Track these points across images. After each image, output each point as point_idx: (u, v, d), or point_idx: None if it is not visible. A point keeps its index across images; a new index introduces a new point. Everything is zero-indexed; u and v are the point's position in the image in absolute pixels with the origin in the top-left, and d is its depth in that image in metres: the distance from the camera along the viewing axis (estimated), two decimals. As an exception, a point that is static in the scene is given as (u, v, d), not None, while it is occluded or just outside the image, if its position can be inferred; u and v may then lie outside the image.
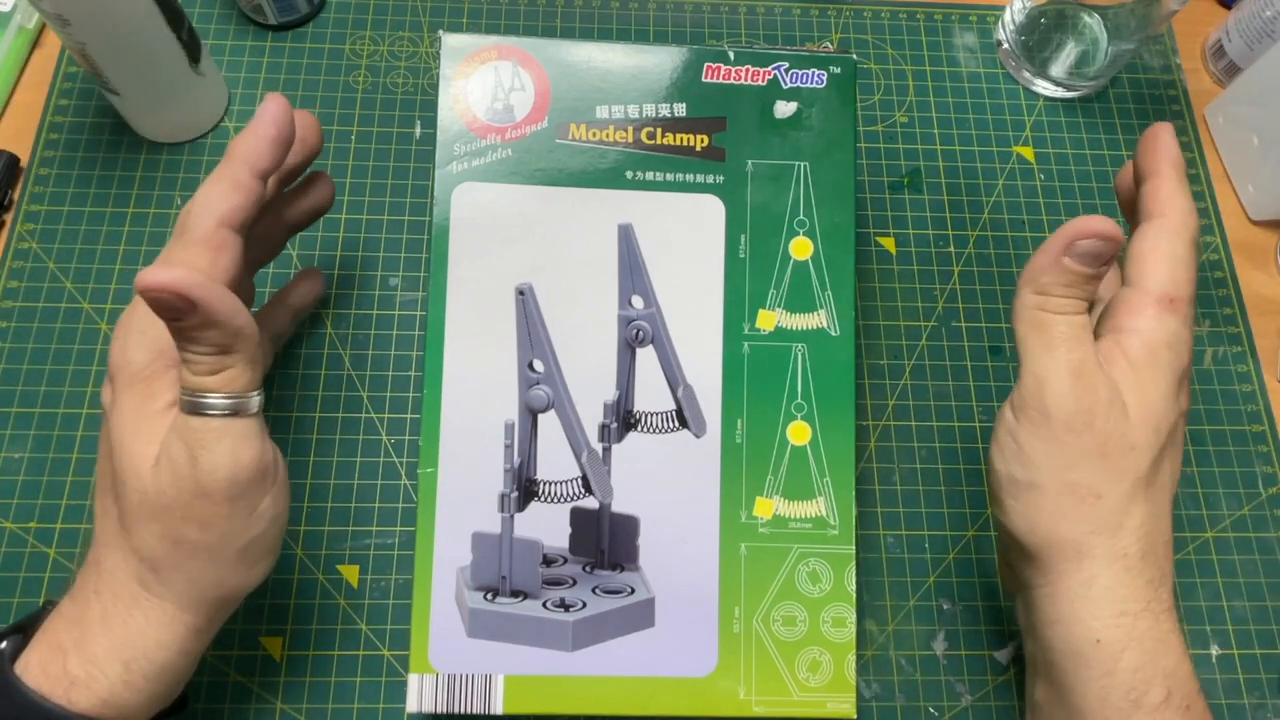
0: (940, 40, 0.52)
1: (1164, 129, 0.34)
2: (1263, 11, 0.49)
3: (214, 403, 0.28)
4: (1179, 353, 0.32)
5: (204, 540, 0.29)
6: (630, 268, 0.36)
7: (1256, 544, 0.43)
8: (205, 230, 0.30)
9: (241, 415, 0.29)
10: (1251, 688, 0.40)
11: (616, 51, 0.36)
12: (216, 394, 0.28)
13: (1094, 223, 0.30)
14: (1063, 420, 0.30)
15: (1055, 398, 0.31)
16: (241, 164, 0.31)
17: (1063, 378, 0.31)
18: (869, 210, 0.48)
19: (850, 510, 0.36)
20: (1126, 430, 0.30)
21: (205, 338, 0.28)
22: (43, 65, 0.48)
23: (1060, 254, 0.31)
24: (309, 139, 0.36)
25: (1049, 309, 0.32)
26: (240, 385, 0.29)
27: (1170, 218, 0.32)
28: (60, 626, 0.30)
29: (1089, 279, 0.31)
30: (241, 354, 0.29)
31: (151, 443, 0.29)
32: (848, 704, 0.35)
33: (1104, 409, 0.30)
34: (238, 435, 0.29)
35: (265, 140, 0.31)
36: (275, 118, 0.32)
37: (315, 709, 0.38)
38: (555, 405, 0.35)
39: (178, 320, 0.27)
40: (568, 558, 0.35)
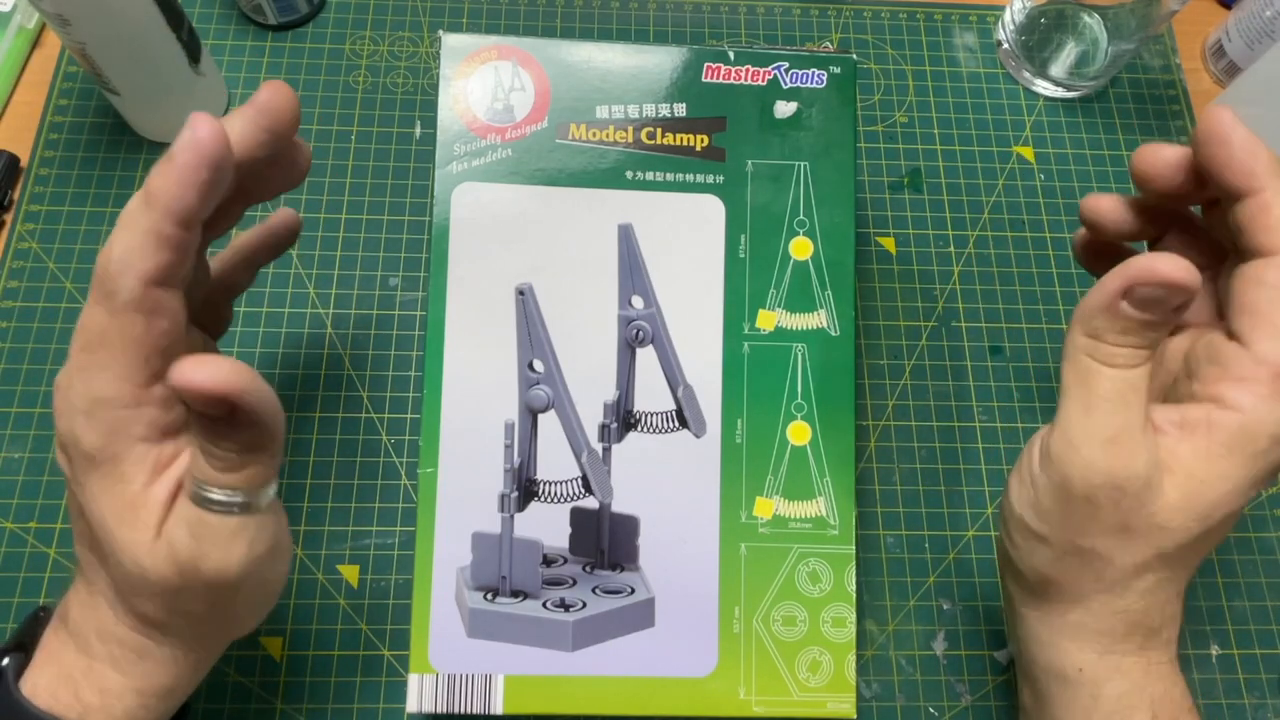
0: (940, 40, 0.52)
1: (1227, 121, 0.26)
2: (1263, 11, 0.49)
3: (227, 500, 0.26)
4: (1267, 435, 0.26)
5: (208, 613, 0.28)
6: (630, 268, 0.36)
7: (1256, 544, 0.43)
8: (132, 294, 0.25)
9: (254, 511, 0.27)
10: (1251, 688, 0.40)
11: (616, 51, 0.36)
12: (233, 491, 0.26)
13: (1161, 264, 0.25)
14: (1084, 493, 0.27)
15: (1080, 468, 0.27)
16: (157, 210, 0.24)
17: (1094, 447, 0.27)
18: (869, 210, 0.48)
19: (850, 510, 0.36)
20: (1158, 510, 0.27)
21: (235, 436, 0.25)
22: (43, 65, 0.48)
23: (1117, 296, 0.26)
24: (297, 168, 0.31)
25: (1099, 357, 0.27)
26: (260, 482, 0.26)
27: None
28: (67, 656, 0.28)
29: (1152, 326, 0.26)
30: (268, 450, 0.26)
31: (140, 528, 0.26)
32: (848, 704, 0.35)
33: (1137, 486, 0.27)
34: (254, 530, 0.27)
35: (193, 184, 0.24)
36: (201, 142, 0.24)
37: (315, 709, 0.38)
38: (555, 405, 0.35)
39: (210, 420, 0.24)
40: (568, 558, 0.35)
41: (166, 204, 0.24)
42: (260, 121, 0.27)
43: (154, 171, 0.25)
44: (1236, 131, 0.26)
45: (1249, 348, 0.26)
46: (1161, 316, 0.26)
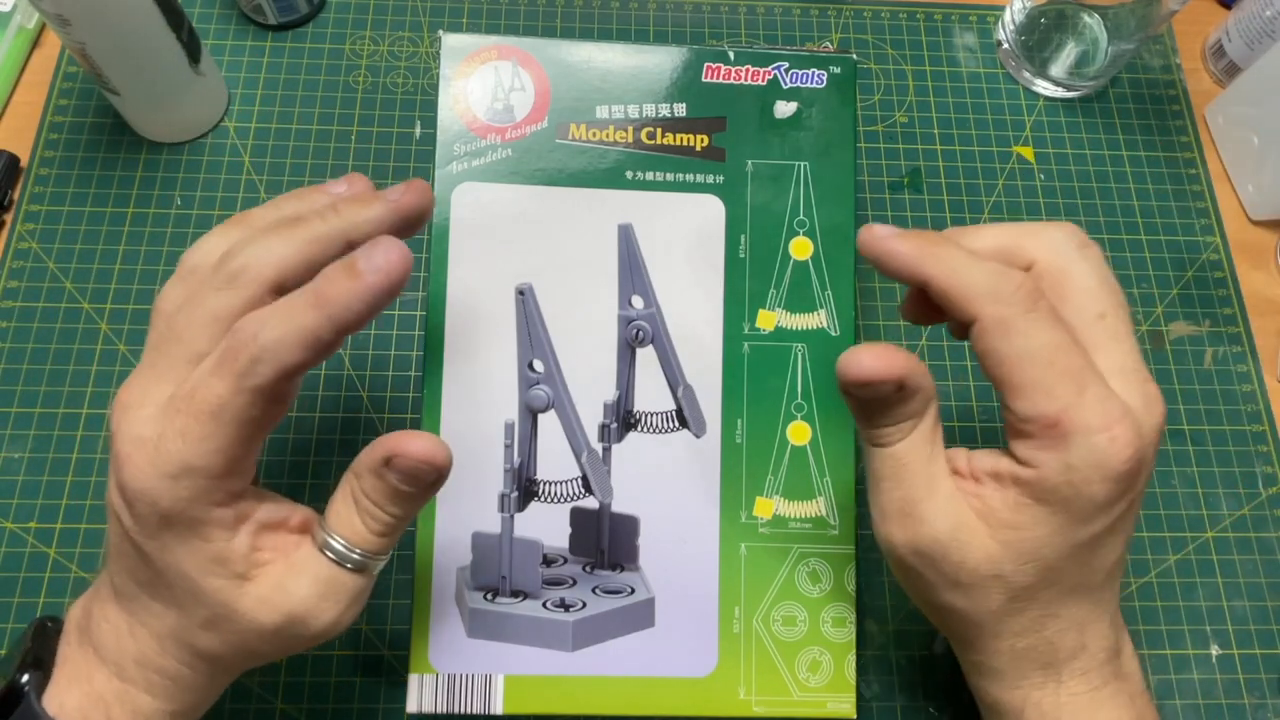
0: (940, 40, 0.52)
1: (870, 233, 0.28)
2: (1263, 11, 0.49)
3: (358, 558, 0.27)
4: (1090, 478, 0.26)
5: (277, 653, 0.29)
6: (630, 268, 0.36)
7: (1256, 544, 0.43)
8: (267, 381, 0.25)
9: (371, 572, 0.28)
10: (1251, 688, 0.40)
11: (616, 51, 0.36)
12: (369, 552, 0.28)
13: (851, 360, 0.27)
14: (899, 562, 0.29)
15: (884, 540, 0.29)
16: (330, 322, 0.25)
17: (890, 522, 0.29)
18: (869, 210, 0.48)
19: (850, 510, 0.36)
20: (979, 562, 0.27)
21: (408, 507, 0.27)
22: (43, 65, 0.48)
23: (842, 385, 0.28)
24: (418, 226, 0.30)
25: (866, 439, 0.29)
26: (390, 549, 0.29)
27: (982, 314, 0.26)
28: (97, 678, 0.28)
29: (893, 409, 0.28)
30: (410, 520, 0.28)
31: (226, 577, 0.26)
32: (848, 704, 0.35)
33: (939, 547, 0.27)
34: (363, 593, 0.28)
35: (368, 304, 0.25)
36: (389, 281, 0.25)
37: (315, 709, 0.38)
38: (555, 405, 0.35)
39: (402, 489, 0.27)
40: (568, 558, 0.35)
41: (337, 315, 0.25)
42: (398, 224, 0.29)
43: (332, 276, 0.25)
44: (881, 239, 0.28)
45: (1011, 410, 0.27)
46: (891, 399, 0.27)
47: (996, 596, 0.28)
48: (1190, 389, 0.46)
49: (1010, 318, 0.26)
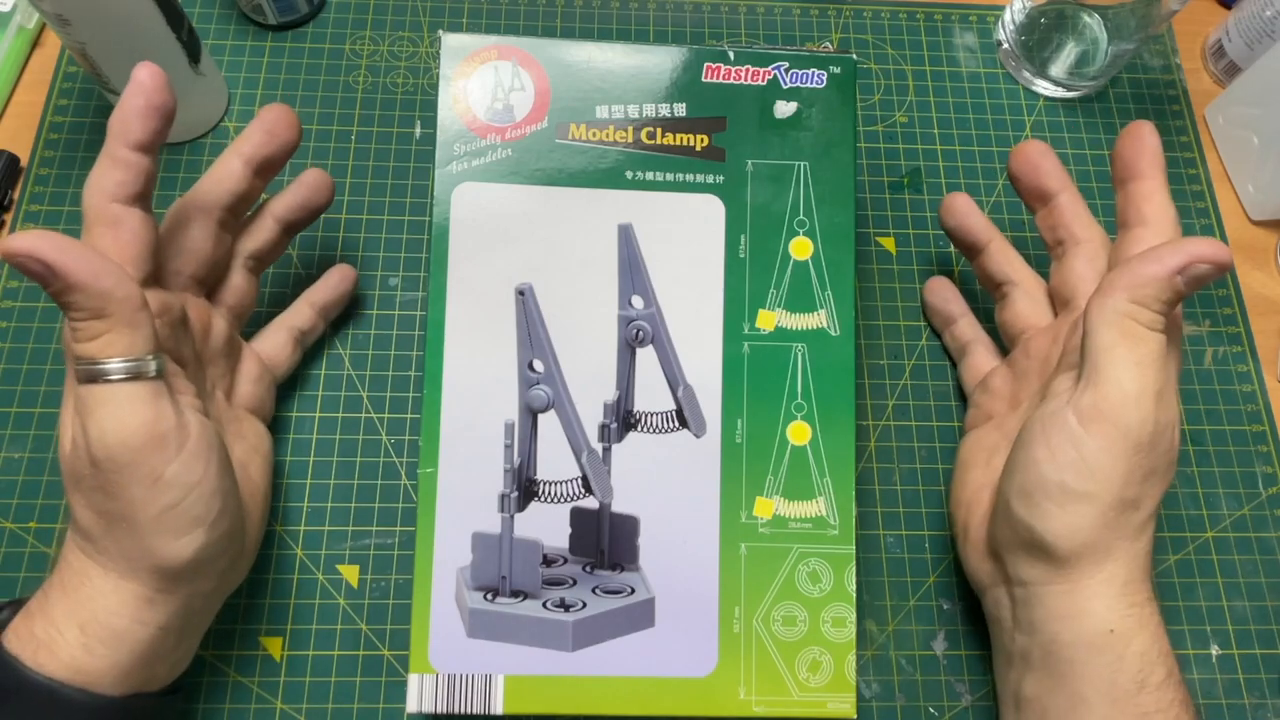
0: (940, 40, 0.52)
1: (1146, 127, 0.35)
2: (1263, 11, 0.49)
3: (101, 368, 0.28)
4: (1179, 361, 0.33)
5: (114, 509, 0.29)
6: (630, 268, 0.36)
7: (1256, 544, 0.43)
8: (96, 208, 0.30)
9: (138, 379, 0.28)
10: (1251, 688, 0.40)
11: (616, 51, 0.36)
12: (101, 360, 0.28)
13: (1213, 248, 0.30)
14: (1140, 441, 0.30)
15: (1140, 419, 0.30)
16: (114, 139, 0.30)
17: (1148, 400, 0.30)
18: (869, 210, 0.48)
19: (850, 510, 0.36)
20: (1174, 450, 0.32)
21: (75, 303, 0.28)
22: (43, 65, 0.48)
23: (1175, 271, 0.30)
24: (279, 131, 0.35)
25: (1142, 321, 0.31)
26: (120, 349, 0.28)
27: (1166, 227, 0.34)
28: (34, 596, 0.31)
29: (1182, 300, 0.31)
30: (116, 316, 0.28)
31: (68, 419, 0.29)
32: (848, 704, 0.35)
33: (1171, 430, 0.31)
34: (122, 400, 0.28)
35: (132, 111, 0.30)
36: (142, 85, 0.30)
37: (315, 709, 0.38)
38: (555, 405, 0.35)
39: (46, 287, 0.28)
40: (568, 558, 0.35)
41: (115, 129, 0.30)
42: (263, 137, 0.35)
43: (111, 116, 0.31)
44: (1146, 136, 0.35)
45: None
46: (1195, 290, 0.31)
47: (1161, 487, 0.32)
48: (1190, 389, 0.46)
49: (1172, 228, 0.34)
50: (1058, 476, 0.31)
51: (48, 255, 0.27)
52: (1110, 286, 0.31)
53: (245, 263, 0.37)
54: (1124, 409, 0.30)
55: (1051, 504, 0.31)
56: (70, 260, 0.27)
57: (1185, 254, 0.30)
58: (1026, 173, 0.38)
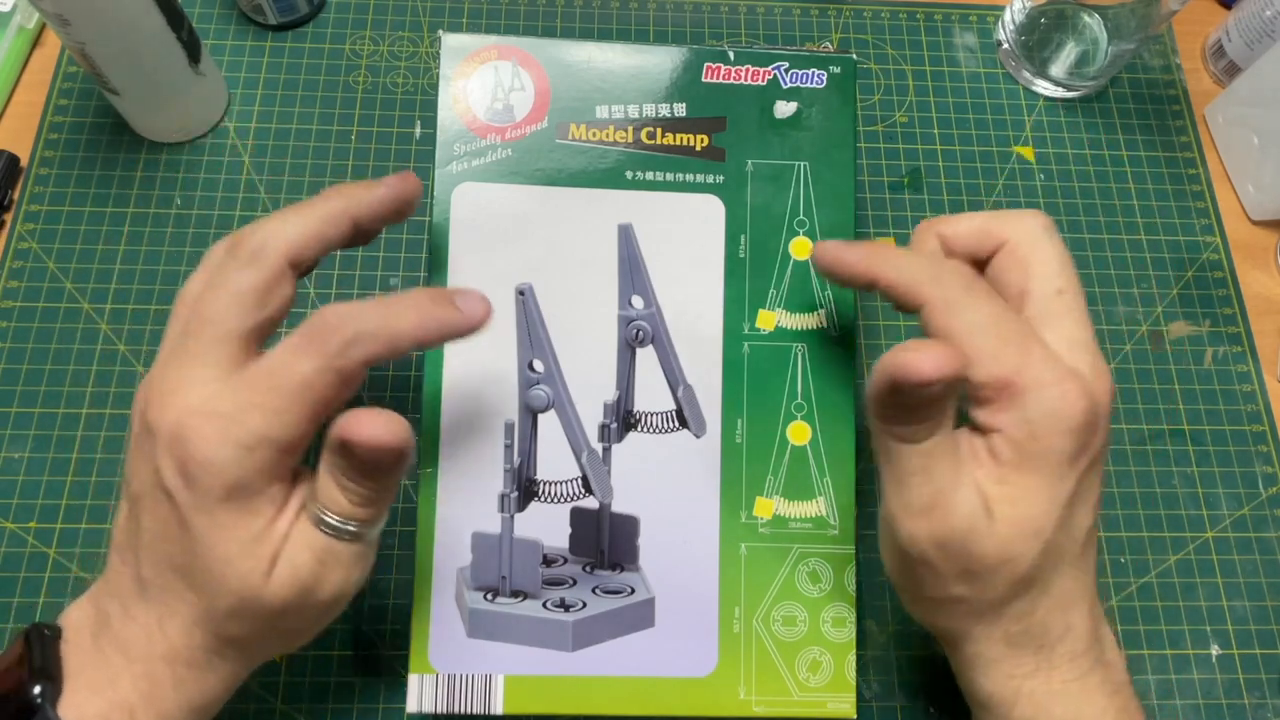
0: (940, 40, 0.52)
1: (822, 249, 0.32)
2: (1263, 11, 0.49)
3: (353, 530, 0.28)
4: (1052, 432, 0.27)
5: (298, 631, 0.30)
6: (630, 268, 0.36)
7: (1256, 544, 0.43)
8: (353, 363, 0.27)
9: (368, 540, 0.29)
10: (1251, 688, 0.40)
11: (616, 51, 0.36)
12: (357, 522, 0.28)
13: (913, 362, 0.26)
14: (916, 557, 0.29)
15: (905, 537, 0.29)
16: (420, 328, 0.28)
17: (912, 519, 0.28)
18: (869, 210, 0.48)
19: (850, 510, 0.36)
20: (992, 548, 0.28)
21: (383, 481, 0.28)
22: (43, 65, 0.48)
23: (887, 392, 0.27)
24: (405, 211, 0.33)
25: (895, 437, 0.28)
26: (379, 515, 0.29)
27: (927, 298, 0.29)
28: (123, 684, 0.27)
29: (932, 406, 0.27)
30: (393, 489, 0.29)
31: (262, 560, 0.27)
32: (848, 704, 0.35)
33: (960, 537, 0.28)
34: (368, 556, 0.29)
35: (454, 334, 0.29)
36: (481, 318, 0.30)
37: (315, 709, 0.38)
38: (555, 405, 0.35)
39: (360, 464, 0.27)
40: (568, 558, 0.35)
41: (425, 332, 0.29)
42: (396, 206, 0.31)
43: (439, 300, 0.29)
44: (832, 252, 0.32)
45: (969, 381, 0.28)
46: (934, 400, 0.27)
47: (1003, 582, 0.28)
48: (1190, 389, 0.46)
49: (953, 296, 0.29)
50: (890, 573, 0.32)
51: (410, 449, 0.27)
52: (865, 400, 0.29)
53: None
54: (892, 527, 0.30)
55: (898, 592, 0.33)
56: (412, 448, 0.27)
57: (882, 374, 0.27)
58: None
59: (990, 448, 0.28)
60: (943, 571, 0.29)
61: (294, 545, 0.28)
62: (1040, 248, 0.31)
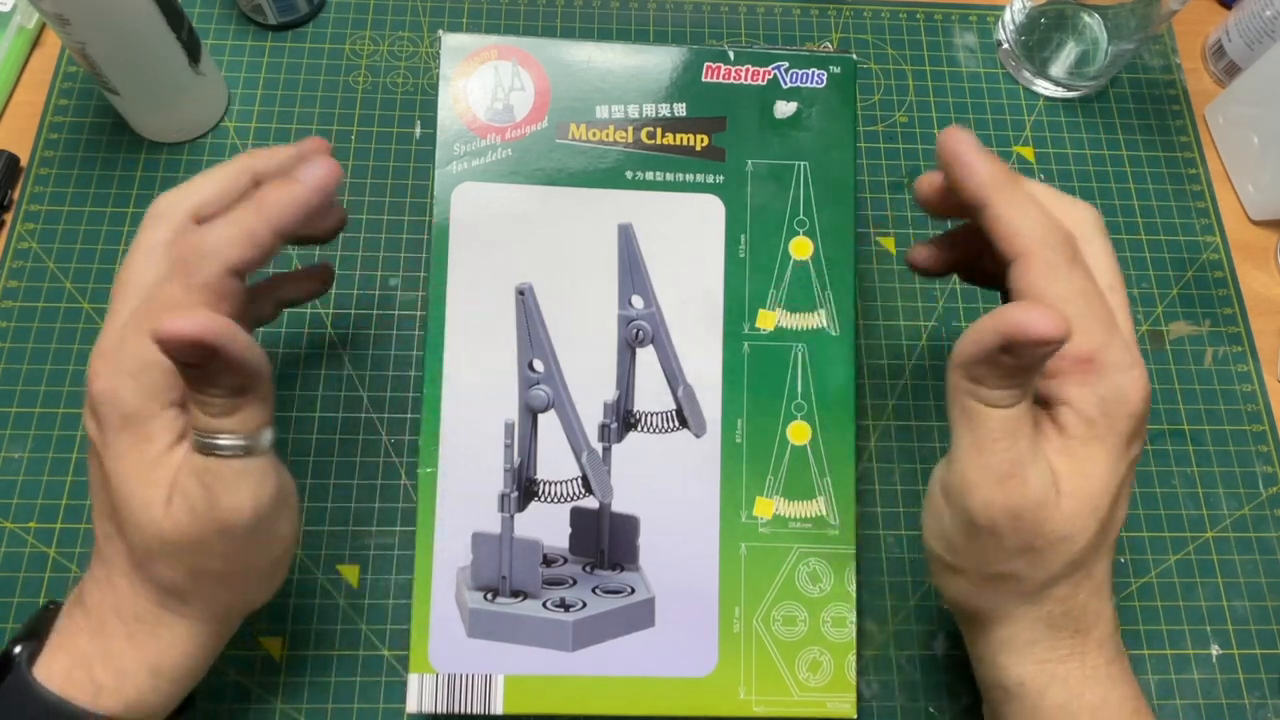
0: (940, 40, 0.52)
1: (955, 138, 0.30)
2: (1263, 11, 0.49)
3: (229, 444, 0.27)
4: (1119, 414, 0.28)
5: (226, 569, 0.29)
6: (630, 268, 0.36)
7: (1256, 544, 0.43)
8: (212, 276, 0.28)
9: (256, 453, 0.28)
10: (1251, 688, 0.40)
11: (616, 51, 0.36)
12: (232, 435, 0.27)
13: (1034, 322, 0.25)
14: (985, 526, 0.28)
15: (979, 505, 0.28)
16: (266, 222, 0.29)
17: (989, 485, 0.28)
18: (869, 210, 0.48)
19: (850, 510, 0.36)
20: (1058, 524, 0.28)
21: (222, 381, 0.27)
22: (43, 65, 0.48)
23: (996, 350, 0.26)
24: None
25: (983, 400, 0.28)
26: (255, 424, 0.28)
27: (1032, 252, 0.29)
28: (81, 639, 0.29)
29: (1030, 370, 0.27)
30: (257, 393, 0.28)
31: (159, 486, 0.28)
32: (848, 704, 0.35)
33: (1033, 509, 0.28)
34: (257, 473, 0.28)
35: (301, 206, 0.29)
36: (322, 186, 0.29)
37: (315, 709, 0.38)
38: (555, 405, 0.35)
39: (196, 367, 0.26)
40: (568, 558, 0.35)
41: (274, 217, 0.29)
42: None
43: (275, 185, 0.29)
44: (966, 148, 0.30)
45: None
46: (1038, 362, 0.27)
47: (1060, 559, 0.28)
48: (1190, 389, 0.46)
49: (1057, 262, 0.29)
50: (933, 544, 0.31)
51: (216, 340, 0.25)
52: (951, 359, 0.29)
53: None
54: (965, 493, 0.28)
55: (934, 567, 0.32)
56: (230, 343, 0.26)
57: (998, 332, 0.26)
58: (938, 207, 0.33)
59: (1057, 420, 0.29)
60: (1007, 544, 0.28)
61: (184, 473, 0.28)
62: (1094, 242, 0.30)
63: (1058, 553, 0.28)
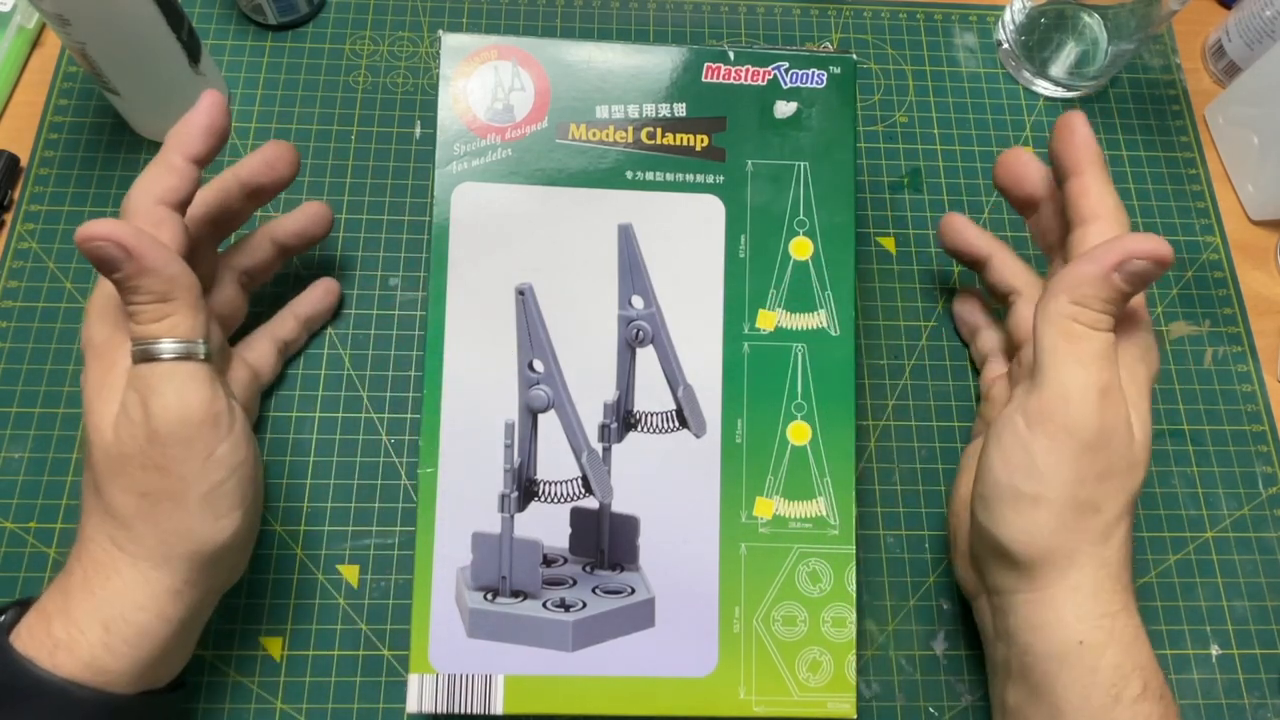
0: (940, 40, 0.52)
1: (1078, 118, 0.34)
2: (1263, 11, 0.49)
3: (160, 348, 0.30)
4: (1150, 362, 0.33)
5: (164, 487, 0.30)
6: (630, 268, 0.36)
7: (1256, 544, 0.43)
8: (143, 207, 0.31)
9: (190, 360, 0.30)
10: (1251, 688, 0.40)
11: (616, 51, 0.36)
12: (161, 339, 0.30)
13: (1150, 243, 0.30)
14: (1086, 439, 0.30)
15: (1083, 417, 0.30)
16: (173, 150, 0.32)
17: (1091, 398, 0.30)
18: (869, 210, 0.48)
19: (850, 510, 0.36)
20: (1133, 450, 0.31)
21: (144, 286, 0.29)
22: (43, 65, 0.48)
23: (1111, 269, 0.30)
24: (278, 167, 0.37)
25: (1084, 321, 0.31)
26: (184, 330, 0.30)
27: (1112, 218, 0.33)
28: (49, 595, 0.30)
29: (1128, 297, 0.31)
30: (181, 300, 0.30)
31: (112, 402, 0.30)
32: (848, 704, 0.35)
33: (1123, 430, 0.30)
34: (184, 377, 0.30)
35: (197, 128, 0.33)
36: (208, 109, 0.33)
37: (315, 709, 0.38)
38: (555, 405, 0.35)
39: (116, 271, 0.29)
40: (568, 558, 0.35)
41: (177, 142, 0.33)
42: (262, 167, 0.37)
43: (170, 131, 0.33)
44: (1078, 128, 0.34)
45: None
46: (1140, 288, 0.31)
47: (1130, 488, 0.31)
48: (1190, 389, 0.46)
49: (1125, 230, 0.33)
50: (1009, 480, 0.31)
51: (127, 240, 0.29)
52: (1052, 289, 0.32)
53: (239, 277, 0.38)
54: (1066, 408, 0.30)
55: (1007, 509, 0.31)
56: (145, 246, 0.29)
57: (1120, 251, 0.30)
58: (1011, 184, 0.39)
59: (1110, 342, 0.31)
60: (1099, 464, 0.30)
61: (126, 386, 0.30)
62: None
63: (1129, 482, 0.31)
